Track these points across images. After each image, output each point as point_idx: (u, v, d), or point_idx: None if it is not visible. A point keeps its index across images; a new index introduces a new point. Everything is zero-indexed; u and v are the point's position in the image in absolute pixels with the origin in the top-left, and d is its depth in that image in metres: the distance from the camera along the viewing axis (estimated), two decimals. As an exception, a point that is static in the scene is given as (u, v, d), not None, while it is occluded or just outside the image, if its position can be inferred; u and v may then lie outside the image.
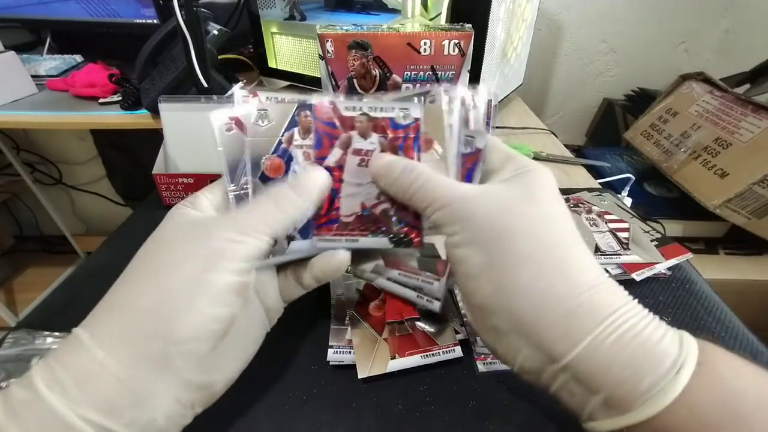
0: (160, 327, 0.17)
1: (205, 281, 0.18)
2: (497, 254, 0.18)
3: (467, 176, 0.22)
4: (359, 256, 0.26)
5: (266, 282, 0.23)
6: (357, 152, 0.22)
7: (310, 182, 0.22)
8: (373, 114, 0.22)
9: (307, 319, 0.32)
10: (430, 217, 0.21)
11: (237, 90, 0.23)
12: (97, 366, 0.16)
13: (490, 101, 0.23)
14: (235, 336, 0.20)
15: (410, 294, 0.25)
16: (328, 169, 0.22)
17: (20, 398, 0.16)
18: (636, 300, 0.18)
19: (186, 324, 0.18)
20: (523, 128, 0.69)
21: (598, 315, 0.17)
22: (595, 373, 0.17)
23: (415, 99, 0.22)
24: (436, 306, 0.24)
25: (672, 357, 0.16)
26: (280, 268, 0.24)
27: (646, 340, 0.17)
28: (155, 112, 0.59)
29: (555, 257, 0.18)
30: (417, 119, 0.22)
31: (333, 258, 0.23)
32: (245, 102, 0.22)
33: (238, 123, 0.22)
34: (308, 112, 0.22)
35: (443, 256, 0.23)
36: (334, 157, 0.23)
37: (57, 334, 0.29)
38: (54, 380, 0.16)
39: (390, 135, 0.22)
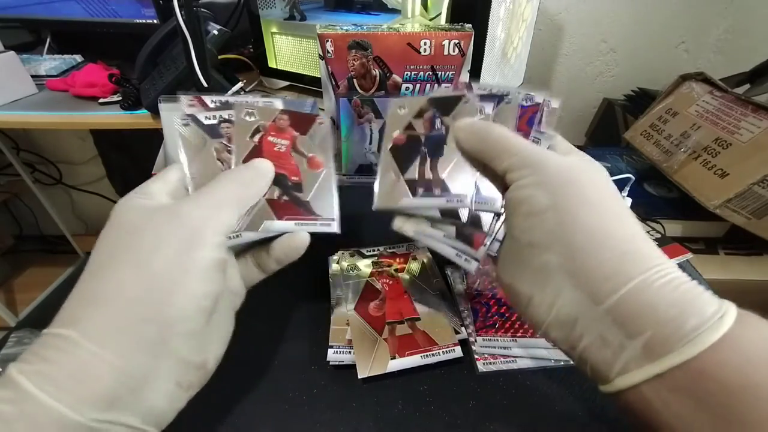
0: (153, 311, 0.18)
1: (190, 260, 0.19)
2: (564, 195, 0.20)
3: (528, 122, 0.26)
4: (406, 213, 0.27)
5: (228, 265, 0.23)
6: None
7: (264, 167, 0.24)
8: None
9: (307, 319, 0.32)
10: (504, 162, 0.22)
11: (183, 98, 0.27)
12: (93, 359, 0.16)
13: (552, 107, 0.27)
14: (219, 313, 0.21)
15: (450, 252, 0.26)
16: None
17: (5, 400, 0.15)
18: None
19: (178, 304, 0.18)
20: (523, 128, 0.69)
21: (650, 260, 0.18)
22: (640, 312, 0.17)
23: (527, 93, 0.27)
24: (473, 266, 0.25)
25: (715, 305, 0.17)
26: (238, 253, 0.25)
27: (691, 288, 0.18)
28: (155, 112, 0.59)
29: (615, 208, 0.20)
30: (538, 104, 0.26)
31: (294, 238, 0.24)
32: (191, 106, 0.26)
33: (194, 119, 0.26)
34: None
35: (485, 227, 0.25)
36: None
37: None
38: (45, 380, 0.16)
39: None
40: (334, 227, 0.25)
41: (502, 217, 0.24)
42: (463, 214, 0.25)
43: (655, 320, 0.17)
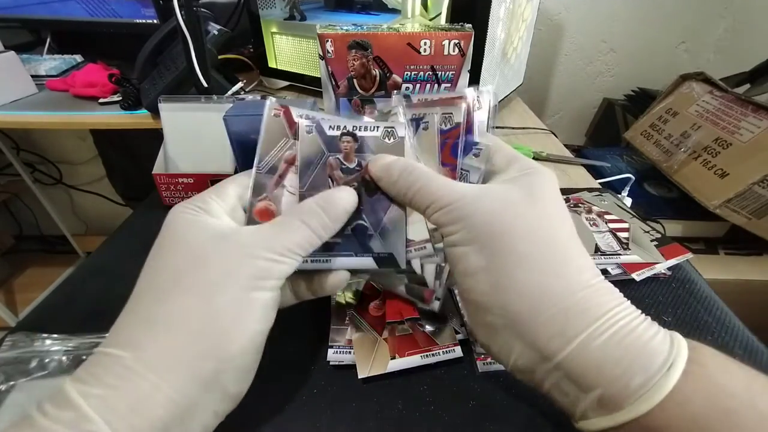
0: (213, 347, 0.18)
1: (252, 300, 0.19)
2: (495, 253, 0.19)
3: (452, 151, 0.22)
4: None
5: None
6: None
7: (340, 203, 0.22)
8: (358, 133, 0.23)
9: (307, 319, 0.32)
10: (430, 217, 0.21)
11: (269, 101, 0.23)
12: (152, 390, 0.16)
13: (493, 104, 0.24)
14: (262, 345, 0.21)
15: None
16: None
17: (66, 423, 0.15)
18: (629, 301, 0.19)
19: (237, 342, 0.18)
20: (523, 128, 0.69)
21: (592, 314, 0.17)
22: (587, 371, 0.17)
23: (462, 104, 0.23)
24: (435, 306, 0.25)
25: (663, 355, 0.16)
26: None
27: (638, 338, 0.17)
28: (155, 112, 0.59)
29: (552, 257, 0.19)
30: (459, 124, 0.22)
31: (337, 276, 0.24)
32: (276, 116, 0.23)
33: (287, 113, 0.23)
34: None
35: (430, 285, 0.24)
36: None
37: (55, 336, 0.29)
38: (106, 406, 0.16)
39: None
40: None
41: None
42: (415, 264, 0.23)
43: (601, 379, 0.17)
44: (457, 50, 0.39)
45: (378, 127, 0.23)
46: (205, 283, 0.19)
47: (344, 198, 0.22)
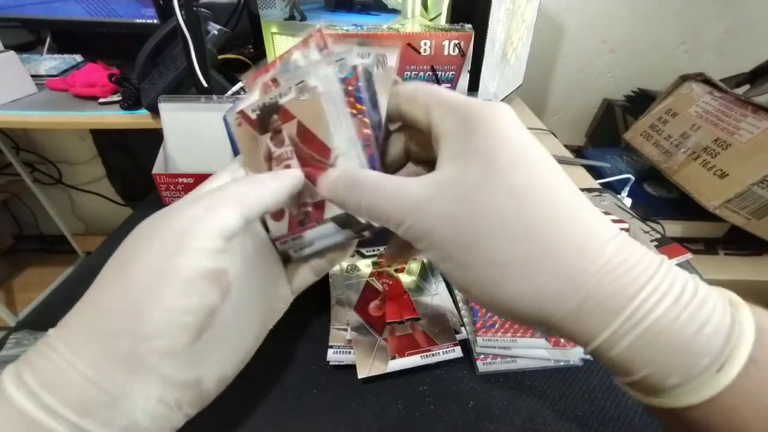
0: (126, 324, 0.16)
1: (171, 268, 0.17)
2: (473, 267, 0.16)
3: (356, 99, 0.19)
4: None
5: (270, 269, 0.22)
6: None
7: (285, 171, 0.21)
8: (280, 101, 0.20)
9: (307, 319, 0.32)
10: (396, 232, 0.18)
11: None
12: (65, 366, 0.16)
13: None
14: (222, 329, 0.19)
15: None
16: None
17: None
18: (667, 264, 0.15)
19: (154, 319, 0.16)
20: (523, 128, 0.69)
21: (608, 309, 0.14)
22: (616, 363, 0.15)
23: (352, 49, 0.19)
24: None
25: (711, 353, 0.13)
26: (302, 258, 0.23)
27: (676, 334, 0.13)
28: (155, 112, 0.59)
29: (539, 252, 0.15)
30: (354, 67, 0.18)
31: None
32: (240, 125, 0.22)
33: (245, 116, 0.21)
34: None
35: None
36: None
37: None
38: (21, 381, 0.15)
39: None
40: None
41: None
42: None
43: (630, 372, 0.15)
44: (457, 50, 0.39)
45: (291, 88, 0.19)
46: (125, 257, 0.18)
47: (289, 170, 0.21)
